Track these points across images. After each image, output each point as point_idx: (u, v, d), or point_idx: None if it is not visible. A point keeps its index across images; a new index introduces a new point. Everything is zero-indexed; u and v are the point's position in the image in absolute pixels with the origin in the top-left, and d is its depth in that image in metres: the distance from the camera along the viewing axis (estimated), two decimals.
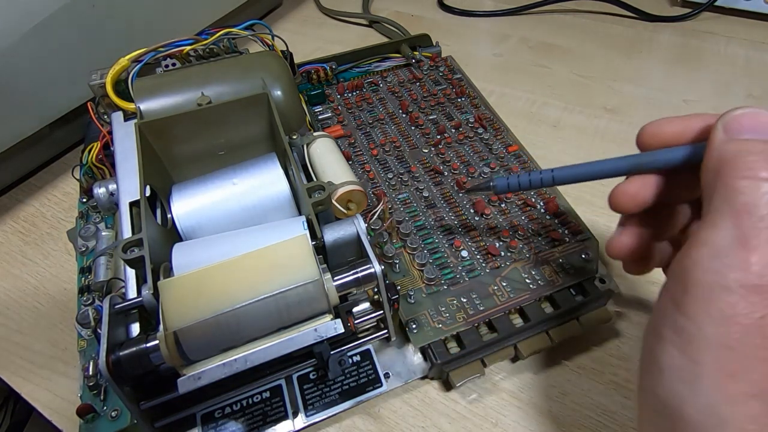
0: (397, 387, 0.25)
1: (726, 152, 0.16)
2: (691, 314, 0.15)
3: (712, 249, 0.15)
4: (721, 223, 0.15)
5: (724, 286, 0.14)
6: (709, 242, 0.15)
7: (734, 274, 0.14)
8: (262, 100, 0.27)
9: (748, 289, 0.14)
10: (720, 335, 0.14)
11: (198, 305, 0.19)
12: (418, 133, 0.36)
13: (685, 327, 0.15)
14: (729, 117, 0.16)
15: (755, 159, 0.15)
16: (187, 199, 0.25)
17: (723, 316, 0.14)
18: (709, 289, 0.15)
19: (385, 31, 0.53)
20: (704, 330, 0.14)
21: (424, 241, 0.29)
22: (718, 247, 0.15)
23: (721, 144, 0.16)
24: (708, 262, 0.15)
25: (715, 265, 0.15)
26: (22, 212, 0.37)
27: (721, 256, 0.15)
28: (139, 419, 0.20)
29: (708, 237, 0.15)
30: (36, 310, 0.30)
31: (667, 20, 0.52)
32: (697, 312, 0.15)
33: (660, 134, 0.20)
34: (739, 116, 0.16)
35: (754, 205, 0.14)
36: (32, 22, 0.33)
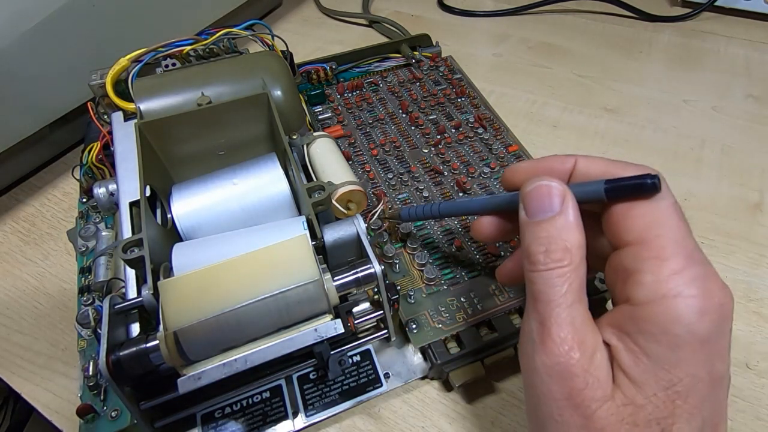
0: (397, 387, 0.25)
1: (525, 239, 0.17)
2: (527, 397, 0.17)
3: (525, 336, 0.17)
4: (529, 311, 0.17)
5: (534, 370, 0.16)
6: (524, 330, 0.17)
7: (539, 357, 0.16)
8: (262, 100, 0.27)
9: (550, 368, 0.16)
10: (546, 413, 0.16)
11: (198, 305, 0.19)
12: (418, 133, 0.36)
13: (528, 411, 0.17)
14: (524, 193, 0.18)
15: (539, 250, 0.17)
16: (187, 199, 0.25)
17: (544, 397, 0.16)
18: (530, 375, 0.17)
19: (385, 31, 0.53)
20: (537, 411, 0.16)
21: (424, 241, 0.29)
22: (528, 334, 0.17)
23: (524, 227, 0.18)
24: (524, 348, 0.17)
25: (526, 351, 0.17)
26: (22, 212, 0.37)
27: (530, 342, 0.17)
28: (139, 419, 0.20)
29: (523, 325, 0.17)
30: (36, 310, 0.30)
31: (667, 20, 0.52)
32: (529, 396, 0.17)
33: (513, 177, 0.21)
34: (528, 194, 0.18)
35: (542, 292, 0.16)
36: (32, 21, 0.33)
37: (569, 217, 0.17)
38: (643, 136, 0.40)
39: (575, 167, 0.19)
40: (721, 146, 0.38)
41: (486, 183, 0.32)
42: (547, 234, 0.17)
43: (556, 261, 0.16)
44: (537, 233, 0.17)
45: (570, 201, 0.17)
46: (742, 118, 0.41)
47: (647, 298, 0.15)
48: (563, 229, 0.17)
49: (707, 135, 0.39)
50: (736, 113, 0.41)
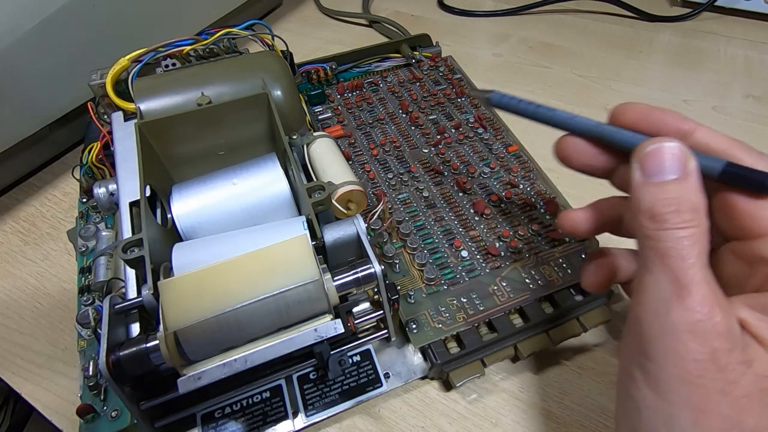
0: (397, 387, 0.25)
1: (643, 200, 0.17)
2: (653, 357, 0.16)
3: (655, 292, 0.16)
4: (654, 268, 0.16)
5: (670, 328, 0.15)
6: (649, 286, 0.16)
7: (676, 314, 0.15)
8: (262, 100, 0.27)
9: (691, 325, 0.15)
10: (681, 373, 0.15)
11: (198, 305, 0.19)
12: (418, 133, 0.36)
13: (649, 368, 0.16)
14: (643, 154, 0.17)
15: (667, 210, 0.16)
16: (187, 199, 0.25)
17: (678, 357, 0.15)
18: (661, 332, 0.15)
19: (385, 31, 0.53)
20: (668, 370, 0.15)
21: (424, 241, 0.29)
22: (657, 290, 0.16)
23: (638, 188, 0.17)
24: (654, 305, 0.16)
25: (658, 308, 0.16)
26: (22, 212, 0.37)
27: (661, 299, 0.15)
28: (139, 419, 0.20)
29: (648, 282, 0.16)
30: (36, 310, 0.30)
31: (667, 20, 0.52)
32: (656, 354, 0.15)
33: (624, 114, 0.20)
34: (650, 153, 0.17)
35: (675, 249, 0.15)
36: (32, 21, 0.33)
37: (695, 180, 0.16)
38: None
39: (693, 136, 0.19)
40: None
41: (486, 183, 0.32)
42: (675, 195, 0.16)
43: (687, 221, 0.16)
44: (661, 194, 0.16)
45: (694, 165, 0.17)
46: (742, 118, 0.41)
47: None
48: (690, 191, 0.16)
49: None
50: (736, 113, 0.41)
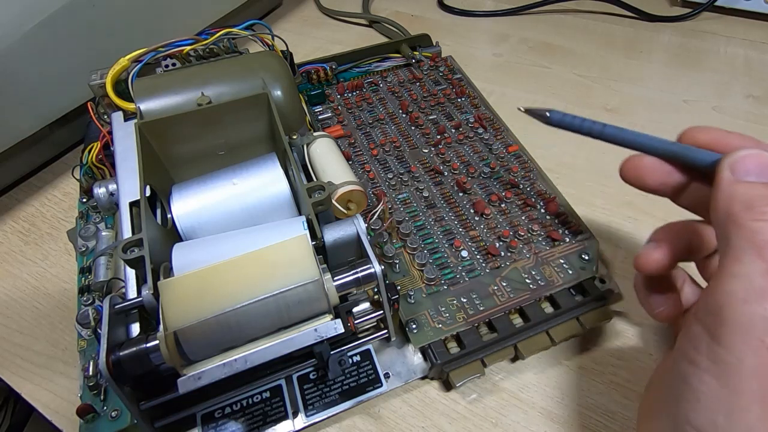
0: (397, 387, 0.25)
1: (736, 193, 0.17)
2: (729, 345, 0.15)
3: (745, 281, 0.15)
4: (746, 258, 0.15)
5: (762, 316, 0.14)
6: (740, 275, 0.15)
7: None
8: (262, 100, 0.27)
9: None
10: (761, 365, 0.14)
11: (198, 305, 0.19)
12: (418, 133, 0.36)
13: (723, 357, 0.15)
14: (735, 157, 0.17)
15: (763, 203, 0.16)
16: (187, 199, 0.25)
17: (764, 346, 0.14)
18: (748, 320, 0.15)
19: (385, 31, 0.53)
20: (744, 360, 0.15)
21: (424, 241, 0.29)
22: (749, 278, 0.15)
23: (730, 184, 0.17)
24: (743, 293, 0.15)
25: (750, 296, 0.15)
26: (22, 212, 0.37)
27: (754, 286, 0.15)
28: (139, 419, 0.20)
29: (737, 270, 0.15)
30: (36, 310, 0.30)
31: (667, 20, 0.52)
32: (735, 342, 0.15)
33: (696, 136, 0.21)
34: (744, 157, 0.17)
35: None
36: (32, 21, 0.33)
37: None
38: None
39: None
40: None
41: (486, 183, 0.32)
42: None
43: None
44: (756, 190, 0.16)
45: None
46: (742, 118, 0.41)
47: None
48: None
49: None
50: (736, 113, 0.41)
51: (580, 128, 0.23)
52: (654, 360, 0.26)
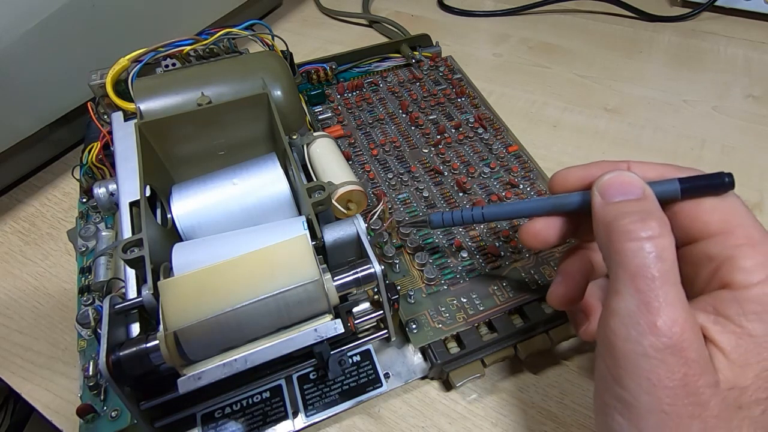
0: (397, 387, 0.25)
1: (606, 217, 0.17)
2: (625, 384, 0.15)
3: (623, 317, 0.15)
4: (623, 290, 0.15)
5: (642, 354, 0.15)
6: (618, 311, 0.16)
7: (646, 339, 0.15)
8: (262, 100, 0.27)
9: (662, 351, 0.14)
10: (653, 402, 0.15)
11: (198, 305, 0.19)
12: (418, 133, 0.36)
13: (623, 396, 0.15)
14: (601, 183, 0.18)
15: (631, 221, 0.16)
16: (187, 199, 0.25)
17: (650, 384, 0.15)
18: (632, 359, 0.15)
19: (385, 31, 0.53)
20: (639, 398, 0.15)
21: (424, 241, 0.29)
22: (626, 314, 0.15)
23: (600, 208, 0.17)
24: (623, 331, 0.15)
25: (629, 334, 0.15)
26: (22, 212, 0.37)
27: (631, 323, 0.15)
28: (139, 419, 0.20)
29: (616, 305, 0.16)
30: (36, 310, 0.30)
31: (667, 20, 0.52)
32: (628, 382, 0.15)
33: (565, 182, 0.21)
34: (608, 181, 0.18)
35: (644, 267, 0.15)
36: (32, 21, 0.33)
37: (654, 200, 0.17)
38: (643, 136, 0.40)
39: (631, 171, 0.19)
40: (721, 146, 0.38)
41: (486, 183, 0.32)
42: (639, 209, 0.16)
43: (656, 229, 0.16)
44: (625, 208, 0.17)
45: (650, 190, 0.17)
46: (742, 118, 0.41)
47: (750, 281, 0.16)
48: (652, 206, 0.17)
49: (707, 135, 0.39)
50: (736, 113, 0.41)
51: (462, 221, 0.25)
52: None
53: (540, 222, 0.21)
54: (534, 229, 0.21)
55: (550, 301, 0.22)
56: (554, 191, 0.21)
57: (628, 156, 0.37)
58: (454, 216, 0.25)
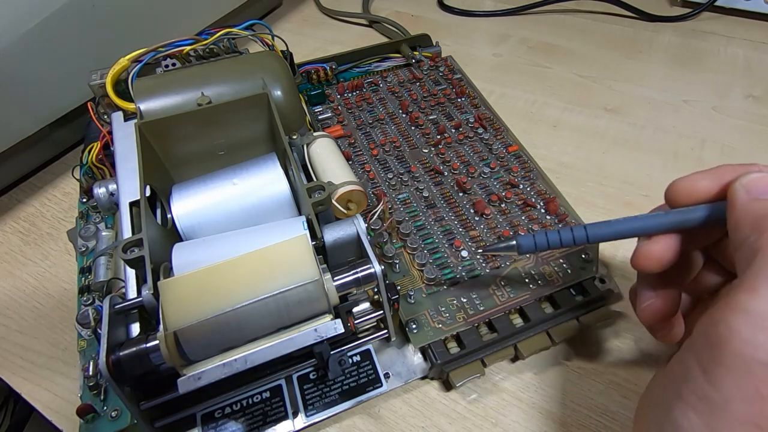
0: (397, 387, 0.25)
1: (759, 211, 0.15)
2: (721, 385, 0.14)
3: (753, 318, 0.14)
4: (764, 289, 0.14)
5: (763, 362, 0.13)
6: (749, 309, 0.14)
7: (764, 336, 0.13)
8: (262, 100, 0.27)
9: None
10: (750, 413, 0.13)
11: (198, 305, 0.19)
12: (418, 133, 0.36)
13: (711, 397, 0.14)
14: (749, 179, 0.17)
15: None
16: (187, 199, 0.25)
17: (758, 395, 0.13)
18: (746, 364, 0.13)
19: (385, 31, 0.53)
20: (733, 405, 0.14)
21: (424, 241, 0.29)
22: (759, 316, 0.14)
23: (748, 203, 0.16)
24: (747, 333, 0.14)
25: (755, 337, 0.13)
26: (22, 212, 0.37)
27: (762, 327, 0.13)
28: (139, 419, 0.20)
29: (747, 303, 0.14)
30: (36, 310, 0.30)
31: (667, 20, 0.52)
32: (727, 385, 0.14)
33: (694, 191, 0.19)
34: (758, 179, 0.17)
35: None
36: (32, 21, 0.33)
37: None
38: (643, 136, 0.40)
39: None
40: (721, 146, 0.38)
41: (486, 183, 0.32)
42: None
43: None
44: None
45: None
46: (742, 118, 0.41)
47: None
48: None
49: (707, 135, 0.39)
50: (736, 113, 0.41)
51: (560, 243, 0.21)
52: (654, 360, 0.26)
53: (661, 242, 0.19)
54: (657, 252, 0.19)
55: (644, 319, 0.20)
56: (677, 204, 0.19)
57: (628, 156, 0.37)
58: (550, 238, 0.21)
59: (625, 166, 0.37)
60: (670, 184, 0.20)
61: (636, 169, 0.36)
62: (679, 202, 0.19)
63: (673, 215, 0.19)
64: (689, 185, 0.19)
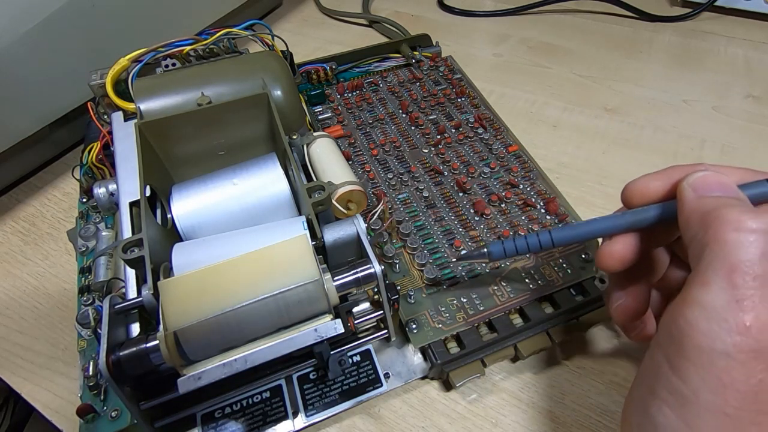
0: (397, 387, 0.25)
1: (705, 207, 0.16)
2: (687, 378, 0.14)
3: (707, 311, 0.14)
4: (714, 283, 0.15)
5: (722, 352, 0.14)
6: (703, 303, 0.15)
7: (732, 338, 0.14)
8: (262, 100, 0.27)
9: (747, 354, 0.14)
10: (717, 402, 0.14)
11: (198, 305, 0.19)
12: (418, 133, 0.36)
13: (680, 390, 0.15)
14: (694, 178, 0.17)
15: (740, 210, 0.15)
16: (187, 199, 0.25)
17: (720, 384, 0.14)
18: (707, 355, 0.14)
19: (385, 31, 0.53)
20: (701, 396, 0.14)
21: (424, 241, 0.29)
22: (713, 308, 0.14)
23: (695, 200, 0.17)
24: (704, 325, 0.14)
25: (711, 329, 0.14)
26: (22, 212, 0.37)
27: (716, 318, 0.14)
28: (139, 419, 0.20)
29: (701, 297, 0.15)
30: (36, 310, 0.30)
31: (667, 20, 0.52)
32: (693, 377, 0.14)
33: (647, 192, 0.20)
34: (702, 177, 0.17)
35: (746, 262, 0.14)
36: (32, 21, 0.33)
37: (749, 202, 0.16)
38: (643, 136, 0.40)
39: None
40: (721, 146, 0.38)
41: (486, 183, 0.32)
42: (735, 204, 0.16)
43: (765, 224, 0.14)
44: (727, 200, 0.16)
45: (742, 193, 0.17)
46: (742, 118, 0.41)
47: None
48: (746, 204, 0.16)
49: (707, 135, 0.39)
50: (736, 113, 0.41)
51: (527, 249, 0.22)
52: None
53: (620, 242, 0.20)
54: (616, 251, 0.20)
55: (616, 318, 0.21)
56: (632, 204, 0.20)
57: (628, 156, 0.37)
58: (518, 244, 0.22)
59: (625, 166, 0.37)
60: (624, 186, 0.20)
61: (636, 169, 0.36)
62: (634, 203, 0.20)
63: (628, 216, 0.20)
64: (642, 186, 0.20)
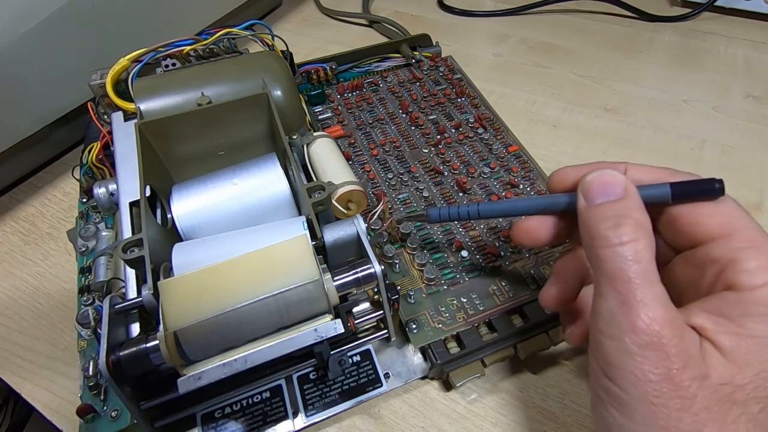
0: (397, 387, 0.25)
1: (588, 221, 0.17)
2: (614, 379, 0.16)
3: (606, 317, 0.16)
4: (605, 292, 0.16)
5: (626, 351, 0.15)
6: (601, 311, 0.16)
7: (628, 337, 0.15)
8: (262, 100, 0.27)
9: (643, 348, 0.15)
10: (641, 396, 0.15)
11: (198, 305, 0.19)
12: (418, 133, 0.36)
13: (614, 391, 0.16)
14: (584, 182, 0.18)
15: (607, 227, 0.17)
16: (187, 199, 0.25)
17: (636, 379, 0.15)
18: (618, 355, 0.16)
19: (385, 31, 0.53)
20: (628, 392, 0.16)
21: (424, 241, 0.29)
22: (610, 314, 0.16)
23: (583, 212, 0.18)
24: (607, 330, 0.16)
25: (613, 333, 0.16)
26: (22, 212, 0.37)
27: (614, 323, 0.16)
28: (139, 419, 0.20)
29: (599, 305, 0.17)
30: (36, 310, 0.30)
31: (667, 20, 0.52)
32: (618, 377, 0.16)
33: (564, 181, 0.21)
34: (590, 181, 0.18)
35: (620, 270, 0.16)
36: (32, 21, 0.33)
37: (635, 198, 0.17)
38: (643, 136, 0.40)
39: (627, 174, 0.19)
40: (721, 146, 0.38)
41: (486, 183, 0.32)
42: (615, 213, 0.17)
43: (629, 234, 0.16)
44: (603, 213, 0.17)
45: (633, 188, 0.17)
46: (742, 118, 0.41)
47: (755, 283, 0.16)
48: (631, 208, 0.17)
49: (707, 135, 0.39)
50: (736, 113, 0.41)
51: (458, 216, 0.25)
52: None
53: (533, 220, 0.22)
54: (526, 227, 0.22)
55: (542, 301, 0.22)
56: (552, 190, 0.22)
57: (628, 156, 0.37)
58: (451, 211, 0.25)
59: None
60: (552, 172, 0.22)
61: None
62: (553, 188, 0.21)
63: (543, 199, 0.21)
64: (561, 175, 0.21)
